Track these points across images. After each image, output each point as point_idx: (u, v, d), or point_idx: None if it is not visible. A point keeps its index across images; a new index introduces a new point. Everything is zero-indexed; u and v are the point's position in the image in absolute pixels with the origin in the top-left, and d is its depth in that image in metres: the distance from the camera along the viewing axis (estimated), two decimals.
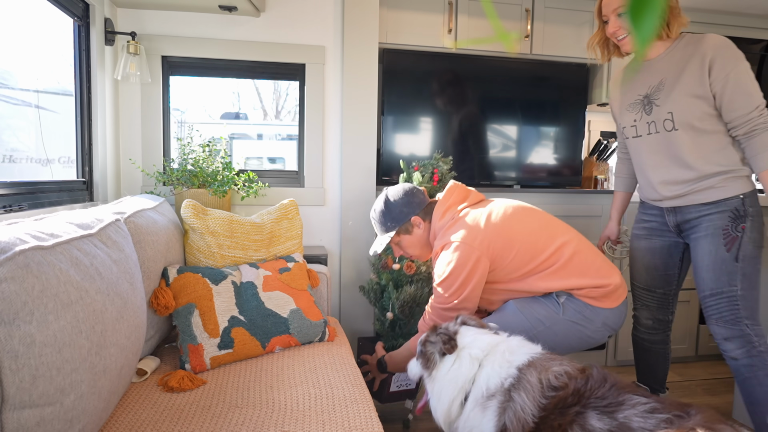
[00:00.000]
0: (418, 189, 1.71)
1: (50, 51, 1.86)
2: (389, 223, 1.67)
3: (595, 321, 1.50)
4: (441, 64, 2.44)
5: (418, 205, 1.67)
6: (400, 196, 1.67)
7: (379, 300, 1.96)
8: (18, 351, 0.75)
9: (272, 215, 1.85)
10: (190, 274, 1.51)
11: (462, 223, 1.55)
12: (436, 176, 1.93)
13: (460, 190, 1.66)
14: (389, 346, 1.92)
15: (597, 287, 1.48)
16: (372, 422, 1.12)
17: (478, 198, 1.67)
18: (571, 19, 2.57)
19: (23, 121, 1.73)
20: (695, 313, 2.63)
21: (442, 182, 1.95)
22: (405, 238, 1.68)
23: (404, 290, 1.86)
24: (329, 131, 2.37)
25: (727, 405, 2.18)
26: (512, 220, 1.54)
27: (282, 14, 2.28)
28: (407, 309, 1.87)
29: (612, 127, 3.09)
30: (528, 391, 1.03)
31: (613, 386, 0.98)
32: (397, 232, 1.67)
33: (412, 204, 1.66)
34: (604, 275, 1.50)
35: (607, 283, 1.49)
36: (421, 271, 1.88)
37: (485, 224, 1.52)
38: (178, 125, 2.42)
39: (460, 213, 1.59)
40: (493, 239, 1.50)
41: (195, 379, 1.30)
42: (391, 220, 1.66)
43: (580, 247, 1.53)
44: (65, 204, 1.74)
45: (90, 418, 0.91)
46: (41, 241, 0.87)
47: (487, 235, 1.50)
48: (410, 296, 1.86)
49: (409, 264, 1.87)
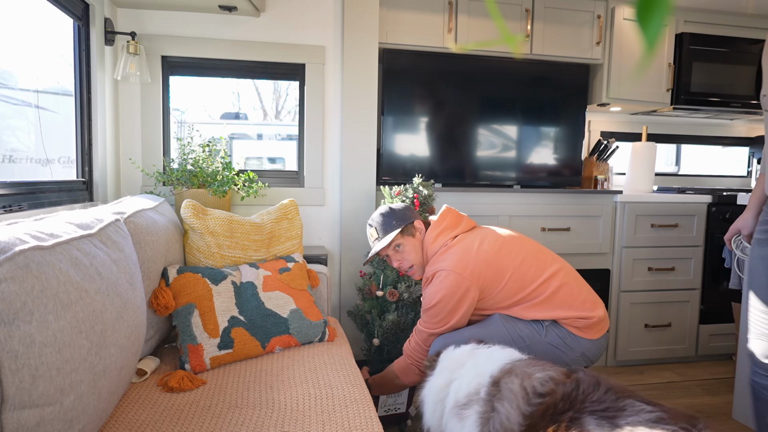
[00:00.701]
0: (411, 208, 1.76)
1: (50, 51, 1.86)
2: (394, 221, 1.67)
3: (575, 350, 1.51)
4: (441, 64, 2.44)
5: (417, 216, 1.72)
6: (401, 206, 1.72)
7: (366, 326, 1.97)
8: (18, 351, 0.75)
9: (272, 215, 1.85)
10: (190, 274, 1.51)
11: (454, 250, 1.56)
12: (416, 202, 1.91)
13: (453, 216, 1.68)
14: (375, 370, 1.92)
15: (581, 318, 1.50)
16: (372, 422, 1.12)
17: (469, 225, 1.68)
18: (571, 19, 2.57)
19: (23, 121, 1.73)
20: (695, 313, 2.63)
21: (424, 205, 1.93)
22: (408, 241, 1.68)
23: (386, 318, 1.87)
24: (329, 131, 2.37)
25: (727, 405, 2.18)
26: (503, 250, 1.55)
27: (282, 14, 2.28)
28: (391, 335, 1.89)
29: (612, 127, 3.09)
30: (510, 399, 1.00)
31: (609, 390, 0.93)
32: (401, 231, 1.67)
33: (414, 211, 1.72)
34: (588, 308, 1.51)
35: (591, 315, 1.50)
36: (404, 297, 1.88)
37: (476, 253, 1.54)
38: (178, 125, 2.42)
39: (452, 239, 1.61)
40: (484, 269, 1.51)
41: (195, 380, 1.30)
42: (396, 219, 1.67)
43: (568, 279, 1.54)
44: (65, 204, 1.74)
45: (90, 418, 0.91)
46: (41, 241, 0.87)
47: (478, 264, 1.52)
48: (393, 323, 1.88)
49: (392, 291, 1.86)
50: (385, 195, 1.99)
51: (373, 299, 1.93)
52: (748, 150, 3.40)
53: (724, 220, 2.60)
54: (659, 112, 2.95)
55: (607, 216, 2.53)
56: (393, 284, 1.90)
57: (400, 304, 1.90)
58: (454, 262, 1.53)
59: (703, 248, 2.61)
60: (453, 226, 1.65)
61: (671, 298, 2.60)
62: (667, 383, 2.42)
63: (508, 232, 1.66)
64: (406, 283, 1.89)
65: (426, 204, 1.93)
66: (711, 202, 2.59)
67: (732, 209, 2.60)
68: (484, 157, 2.53)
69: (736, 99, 2.79)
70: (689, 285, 2.62)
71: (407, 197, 1.91)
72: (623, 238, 2.53)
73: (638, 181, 2.79)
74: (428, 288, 1.58)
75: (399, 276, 1.91)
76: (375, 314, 1.90)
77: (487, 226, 1.71)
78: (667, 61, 2.70)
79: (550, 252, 1.62)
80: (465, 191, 2.39)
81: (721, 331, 2.67)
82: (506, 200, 2.44)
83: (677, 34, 2.72)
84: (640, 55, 1.72)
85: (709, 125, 3.27)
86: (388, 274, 1.90)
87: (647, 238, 2.55)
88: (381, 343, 1.90)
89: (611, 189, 2.67)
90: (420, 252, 1.68)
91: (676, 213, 2.57)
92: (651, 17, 0.32)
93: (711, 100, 2.77)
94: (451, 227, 1.65)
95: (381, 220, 1.70)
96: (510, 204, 2.44)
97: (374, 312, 1.91)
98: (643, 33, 0.32)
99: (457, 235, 1.63)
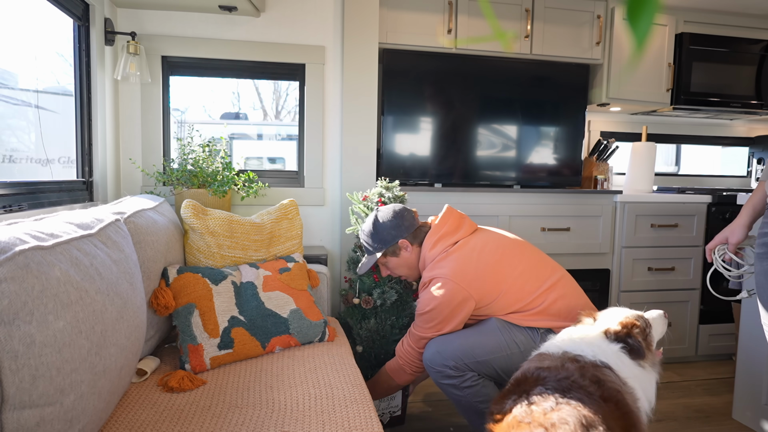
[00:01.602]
0: (408, 211, 1.70)
1: (50, 51, 1.86)
2: (376, 244, 1.67)
3: None
4: (441, 64, 2.44)
5: (406, 228, 1.66)
6: (389, 218, 1.67)
7: (350, 332, 1.96)
8: (18, 351, 0.75)
9: (272, 215, 1.85)
10: (190, 275, 1.51)
11: (454, 258, 1.54)
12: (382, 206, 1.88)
13: (454, 219, 1.66)
14: (366, 376, 1.89)
15: None
16: (372, 422, 1.12)
17: (471, 228, 1.66)
18: (571, 19, 2.57)
19: (23, 121, 1.73)
20: (695, 313, 2.63)
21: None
22: (392, 260, 1.68)
23: (364, 325, 1.86)
24: (329, 131, 2.37)
25: (727, 405, 2.19)
26: (503, 260, 1.54)
27: (282, 14, 2.28)
28: (371, 342, 1.87)
29: (612, 127, 3.09)
30: None
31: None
32: (383, 253, 1.67)
33: (401, 227, 1.65)
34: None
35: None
36: (377, 305, 1.86)
37: (476, 263, 1.52)
38: (178, 125, 2.42)
39: (452, 245, 1.59)
40: (482, 279, 1.50)
41: (195, 380, 1.30)
42: (378, 242, 1.66)
43: (566, 290, 1.53)
44: (65, 204, 1.74)
45: (90, 418, 0.91)
46: (41, 242, 0.87)
47: (478, 275, 1.50)
48: (372, 330, 1.86)
49: (366, 299, 1.84)
50: (354, 201, 1.95)
51: (351, 307, 1.92)
52: (748, 150, 3.40)
53: (724, 220, 2.60)
54: (659, 112, 2.95)
55: (607, 216, 2.53)
56: (368, 291, 1.87)
57: (378, 311, 1.88)
58: (452, 270, 1.51)
59: (702, 248, 2.61)
60: (453, 231, 1.63)
61: (671, 298, 2.60)
62: (667, 383, 2.42)
63: (509, 236, 1.64)
64: (380, 289, 1.85)
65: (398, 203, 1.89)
66: (711, 202, 2.59)
67: (732, 209, 2.60)
68: (483, 157, 2.53)
69: (736, 99, 2.79)
70: (689, 285, 2.62)
71: (373, 202, 1.88)
72: (623, 238, 2.53)
73: (638, 181, 2.79)
74: (424, 293, 1.56)
75: (375, 282, 1.88)
76: (355, 321, 1.89)
77: (489, 229, 1.69)
78: (667, 61, 2.70)
79: (549, 260, 1.61)
80: (465, 191, 2.39)
81: (721, 331, 2.67)
82: (506, 200, 2.44)
83: (677, 34, 2.72)
84: (630, 54, 1.71)
85: (709, 125, 3.27)
86: (364, 281, 1.87)
87: (647, 238, 2.55)
88: (363, 349, 1.89)
89: (611, 189, 2.67)
90: (409, 264, 1.68)
91: (676, 213, 2.57)
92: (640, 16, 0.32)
93: (711, 100, 2.77)
94: (451, 232, 1.62)
95: (365, 239, 1.71)
96: (510, 204, 2.44)
97: (355, 319, 1.90)
98: (632, 32, 0.32)
99: (457, 240, 1.60)
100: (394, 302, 1.88)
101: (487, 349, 1.48)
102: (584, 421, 0.90)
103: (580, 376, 1.04)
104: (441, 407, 2.10)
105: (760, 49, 2.78)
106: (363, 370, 1.91)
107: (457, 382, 1.49)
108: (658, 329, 1.32)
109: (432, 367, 1.52)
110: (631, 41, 0.33)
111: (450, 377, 1.49)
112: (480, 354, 1.48)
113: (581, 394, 0.98)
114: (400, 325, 1.89)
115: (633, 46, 0.32)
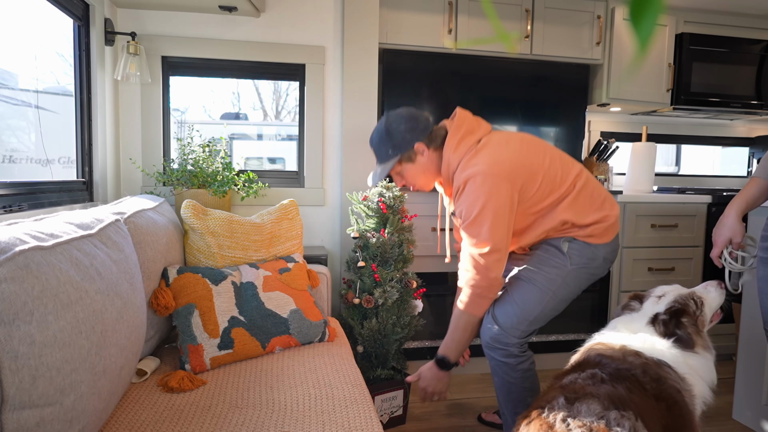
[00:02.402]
0: (421, 113, 1.58)
1: (50, 51, 1.86)
2: (390, 150, 1.56)
3: (598, 258, 1.54)
4: (441, 64, 2.44)
5: (422, 131, 1.55)
6: (402, 121, 1.55)
7: (350, 332, 1.94)
8: (18, 351, 0.75)
9: (272, 215, 1.85)
10: (190, 275, 1.51)
11: (485, 153, 1.46)
12: (383, 206, 1.86)
13: (471, 118, 1.57)
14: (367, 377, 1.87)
15: (600, 222, 1.51)
16: (372, 422, 1.12)
17: (488, 126, 1.59)
18: (571, 19, 2.57)
19: (23, 121, 1.73)
20: None
21: (392, 208, 1.87)
22: (408, 168, 1.59)
23: (365, 325, 1.84)
24: (329, 131, 2.37)
25: (727, 405, 2.18)
26: (531, 152, 1.49)
27: (282, 14, 2.28)
28: (373, 342, 1.86)
29: (612, 128, 3.09)
30: None
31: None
32: (399, 160, 1.58)
33: (416, 129, 1.54)
34: (608, 207, 1.54)
35: (609, 215, 1.53)
36: (378, 304, 1.85)
37: (509, 154, 1.45)
38: (178, 125, 2.42)
39: (477, 143, 1.50)
40: (518, 171, 1.44)
41: (195, 380, 1.30)
42: (392, 147, 1.56)
43: (589, 178, 1.56)
44: (65, 204, 1.74)
45: (90, 419, 0.91)
46: (41, 242, 0.87)
47: (514, 165, 1.44)
48: (374, 330, 1.84)
49: (367, 298, 1.82)
50: (354, 202, 1.94)
51: (351, 307, 1.91)
52: (748, 150, 3.40)
53: None
54: (659, 112, 2.95)
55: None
56: (369, 291, 1.86)
57: (379, 310, 1.87)
58: (488, 164, 1.42)
59: (703, 248, 2.61)
60: (474, 130, 1.53)
61: None
62: None
63: (528, 135, 1.59)
64: (381, 288, 1.84)
65: (394, 206, 1.87)
66: (711, 202, 2.59)
67: None
68: None
69: (736, 99, 2.79)
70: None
71: (373, 202, 1.87)
72: (623, 238, 2.53)
73: (638, 182, 2.79)
74: (462, 198, 1.45)
75: (375, 281, 1.85)
76: (356, 321, 1.88)
77: (503, 130, 1.64)
78: (667, 61, 2.70)
79: (566, 154, 1.60)
80: None
81: (721, 331, 2.67)
82: None
83: (677, 34, 2.72)
84: (633, 55, 1.71)
85: (709, 125, 3.27)
86: (364, 281, 1.86)
87: (647, 239, 2.55)
88: (364, 349, 1.88)
89: (611, 189, 2.67)
90: (426, 171, 1.59)
91: (676, 213, 2.57)
92: (644, 17, 0.32)
93: (711, 101, 2.77)
94: (472, 131, 1.53)
95: (377, 144, 1.60)
96: None
97: (356, 319, 1.89)
98: (636, 33, 0.32)
99: (480, 138, 1.52)
100: (395, 301, 1.88)
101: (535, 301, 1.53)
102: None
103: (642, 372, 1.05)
104: (441, 407, 2.10)
105: (760, 50, 2.78)
106: (363, 370, 1.91)
107: (515, 362, 1.57)
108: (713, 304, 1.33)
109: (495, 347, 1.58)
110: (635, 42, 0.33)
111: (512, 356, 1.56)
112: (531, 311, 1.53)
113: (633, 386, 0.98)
114: (401, 324, 1.88)
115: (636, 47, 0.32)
